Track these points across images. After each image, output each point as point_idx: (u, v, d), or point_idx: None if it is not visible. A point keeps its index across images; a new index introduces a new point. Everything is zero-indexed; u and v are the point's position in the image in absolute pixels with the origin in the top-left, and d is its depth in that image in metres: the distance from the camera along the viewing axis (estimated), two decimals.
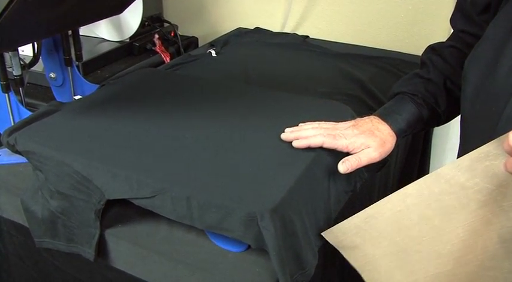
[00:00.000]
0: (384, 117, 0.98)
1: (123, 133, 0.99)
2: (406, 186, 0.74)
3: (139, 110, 1.07)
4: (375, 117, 0.98)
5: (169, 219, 0.87)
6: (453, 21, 1.02)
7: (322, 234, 0.87)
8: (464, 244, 0.72)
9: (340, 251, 0.86)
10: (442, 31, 1.70)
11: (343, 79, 1.48)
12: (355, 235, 0.82)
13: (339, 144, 0.91)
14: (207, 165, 0.88)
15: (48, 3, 0.97)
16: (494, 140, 0.62)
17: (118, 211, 0.94)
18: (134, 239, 0.91)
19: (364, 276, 0.85)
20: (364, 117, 0.98)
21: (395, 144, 0.97)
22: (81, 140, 0.96)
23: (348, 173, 0.96)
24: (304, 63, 1.60)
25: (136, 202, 0.86)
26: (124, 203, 0.89)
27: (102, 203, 0.89)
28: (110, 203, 0.90)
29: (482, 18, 0.91)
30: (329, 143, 0.91)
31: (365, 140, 0.92)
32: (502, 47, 0.75)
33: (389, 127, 0.96)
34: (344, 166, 0.89)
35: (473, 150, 0.65)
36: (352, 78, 1.48)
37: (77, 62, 1.31)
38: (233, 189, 0.82)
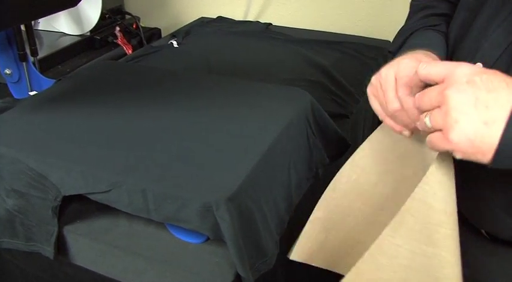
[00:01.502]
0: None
1: (78, 128, 0.97)
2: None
3: (95, 104, 1.05)
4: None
5: (128, 213, 0.85)
6: None
7: (290, 258, 0.84)
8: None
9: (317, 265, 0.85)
10: (404, 14, 1.70)
11: (306, 65, 1.48)
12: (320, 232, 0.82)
13: None
14: (162, 157, 0.87)
15: None
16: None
17: (76, 207, 0.93)
18: (93, 235, 0.90)
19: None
20: None
21: None
22: (35, 136, 0.94)
23: (309, 159, 0.95)
24: (267, 50, 1.59)
25: (92, 197, 0.85)
26: (82, 198, 0.87)
27: (58, 199, 0.87)
28: (68, 199, 0.89)
29: None
30: None
31: None
32: (476, 12, 0.73)
33: None
34: None
35: None
36: (314, 64, 1.47)
37: (32, 57, 1.28)
38: (188, 180, 0.81)
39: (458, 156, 0.55)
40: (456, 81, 0.54)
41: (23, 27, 1.23)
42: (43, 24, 1.81)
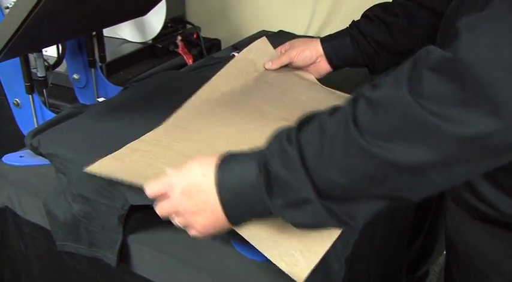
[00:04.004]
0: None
1: None
2: None
3: (162, 113, 1.06)
4: None
5: None
6: None
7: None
8: None
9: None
10: None
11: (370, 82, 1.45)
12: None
13: None
14: None
15: (72, 5, 0.96)
16: None
17: (141, 216, 0.93)
18: (157, 246, 0.90)
19: None
20: None
21: None
22: (104, 143, 0.95)
23: None
24: None
25: None
26: (147, 207, 0.87)
27: (125, 208, 0.88)
28: (133, 208, 0.89)
29: None
30: None
31: None
32: None
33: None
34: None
35: None
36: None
37: (101, 64, 1.30)
38: None
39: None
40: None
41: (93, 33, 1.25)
42: (106, 30, 1.84)
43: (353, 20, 1.16)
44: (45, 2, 0.83)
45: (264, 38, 1.24)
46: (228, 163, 0.69)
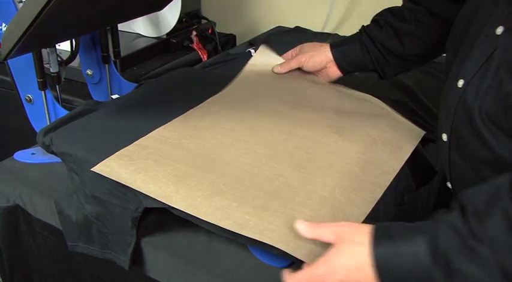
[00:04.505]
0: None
1: None
2: None
3: (176, 111, 1.03)
4: None
5: (208, 229, 0.82)
6: None
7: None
8: None
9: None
10: None
11: (388, 84, 1.42)
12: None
13: None
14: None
15: (87, 0, 0.93)
16: None
17: (155, 219, 0.90)
18: (171, 249, 0.87)
19: None
20: None
21: None
22: (118, 142, 0.92)
23: (396, 186, 0.91)
24: None
25: (175, 212, 0.82)
26: (161, 209, 0.85)
27: (139, 210, 0.85)
28: (147, 209, 0.86)
29: None
30: None
31: None
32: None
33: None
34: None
35: None
36: (396, 83, 1.42)
37: (115, 59, 1.28)
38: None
39: None
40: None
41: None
42: (119, 25, 1.81)
43: (363, 25, 1.15)
44: None
45: (263, 45, 1.26)
46: (389, 261, 0.64)
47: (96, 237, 0.93)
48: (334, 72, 1.17)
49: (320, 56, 1.15)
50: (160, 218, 0.90)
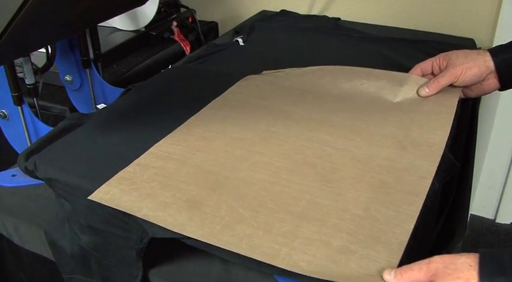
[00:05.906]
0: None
1: None
2: None
3: (176, 119, 0.93)
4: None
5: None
6: None
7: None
8: None
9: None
10: (489, 8, 1.54)
11: (389, 68, 1.33)
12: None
13: None
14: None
15: (65, 2, 0.82)
16: None
17: (162, 247, 0.80)
18: (184, 280, 0.77)
19: None
20: None
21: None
22: (113, 163, 0.82)
23: None
24: (343, 49, 1.45)
25: (189, 242, 0.72)
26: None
27: (144, 241, 0.75)
28: (153, 238, 0.76)
29: None
30: None
31: None
32: None
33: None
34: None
35: None
36: (398, 66, 1.32)
37: (97, 62, 1.16)
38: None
39: None
40: None
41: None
42: None
43: None
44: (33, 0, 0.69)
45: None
46: None
47: (95, 269, 0.83)
48: (492, 86, 0.99)
49: (479, 67, 0.96)
50: (167, 245, 0.80)
